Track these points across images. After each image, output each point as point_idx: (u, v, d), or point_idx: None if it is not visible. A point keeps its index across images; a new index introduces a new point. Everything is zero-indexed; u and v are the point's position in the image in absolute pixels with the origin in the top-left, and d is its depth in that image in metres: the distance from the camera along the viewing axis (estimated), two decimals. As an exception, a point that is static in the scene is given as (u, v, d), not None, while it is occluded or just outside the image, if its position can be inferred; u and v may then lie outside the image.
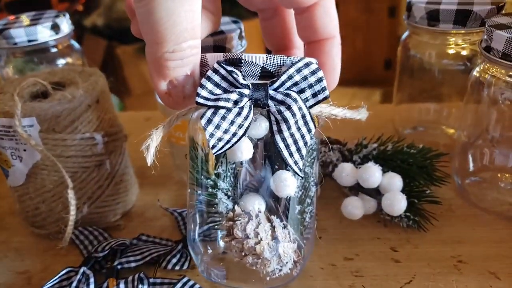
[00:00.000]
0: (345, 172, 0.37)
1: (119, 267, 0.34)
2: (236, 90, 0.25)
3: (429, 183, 0.38)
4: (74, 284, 0.32)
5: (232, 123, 0.25)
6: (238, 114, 0.25)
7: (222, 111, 0.25)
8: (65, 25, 0.47)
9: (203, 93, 0.25)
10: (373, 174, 0.35)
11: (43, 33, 0.45)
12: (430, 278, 0.32)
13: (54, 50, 0.47)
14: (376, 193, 0.37)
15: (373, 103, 1.60)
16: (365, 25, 1.76)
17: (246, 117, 0.25)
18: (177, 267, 0.34)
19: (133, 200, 0.43)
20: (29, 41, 0.44)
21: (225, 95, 0.25)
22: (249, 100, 0.25)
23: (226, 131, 0.25)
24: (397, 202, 0.34)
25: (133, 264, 0.34)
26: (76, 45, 0.50)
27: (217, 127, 0.25)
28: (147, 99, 1.52)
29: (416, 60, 0.45)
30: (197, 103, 0.25)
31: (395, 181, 0.36)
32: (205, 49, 0.36)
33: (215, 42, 0.36)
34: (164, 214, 0.41)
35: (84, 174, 0.37)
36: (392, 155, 0.38)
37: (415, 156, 0.37)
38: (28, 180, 0.36)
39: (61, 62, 0.49)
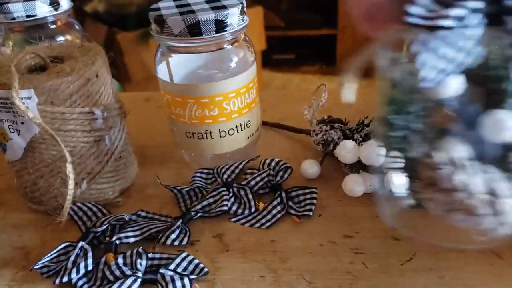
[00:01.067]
0: (347, 150, 0.36)
1: (117, 242, 0.34)
2: (462, 3, 0.19)
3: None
4: (72, 258, 0.32)
5: (455, 48, 0.20)
6: (463, 36, 0.19)
7: (442, 33, 0.19)
8: (64, 1, 0.46)
9: (416, 10, 0.20)
10: (374, 151, 0.35)
11: (42, 8, 0.44)
12: (431, 256, 0.32)
13: (53, 26, 0.46)
14: (378, 170, 0.36)
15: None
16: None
17: (473, 40, 0.20)
18: (176, 243, 0.34)
19: (133, 177, 0.42)
20: (28, 16, 0.44)
21: (447, 11, 0.19)
22: (480, 16, 0.20)
23: (445, 59, 0.20)
24: (398, 179, 0.34)
25: (131, 240, 0.34)
26: (75, 23, 0.50)
27: (434, 53, 0.20)
28: (147, 85, 1.51)
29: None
30: (408, 24, 0.20)
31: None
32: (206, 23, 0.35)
33: (217, 17, 0.35)
34: (164, 192, 0.40)
35: (83, 149, 0.37)
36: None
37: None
38: (26, 154, 0.36)
39: (60, 39, 0.48)
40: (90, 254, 0.32)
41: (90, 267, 0.32)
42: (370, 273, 0.31)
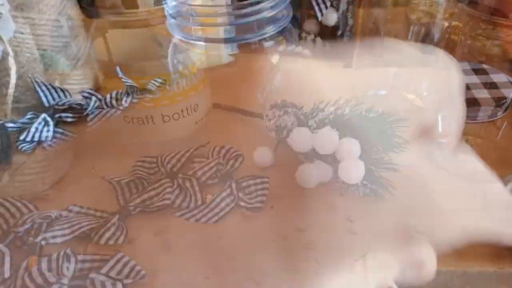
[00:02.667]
0: (300, 137, 0.34)
1: (43, 243, 0.30)
2: None
3: (388, 149, 0.35)
4: (-14, 264, 0.28)
5: None
6: None
7: None
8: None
9: None
10: (329, 139, 0.32)
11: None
12: (387, 251, 0.30)
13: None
14: (333, 160, 0.34)
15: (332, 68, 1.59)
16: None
17: None
18: (111, 242, 0.31)
19: (66, 166, 0.38)
20: None
21: None
22: None
23: None
24: (354, 169, 0.32)
25: (59, 240, 0.30)
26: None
27: None
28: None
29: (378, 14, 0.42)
30: None
31: (353, 147, 0.33)
32: None
33: None
34: (101, 183, 0.36)
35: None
36: (350, 120, 0.35)
37: (374, 121, 0.35)
38: None
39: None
40: (7, 259, 0.28)
41: (7, 274, 0.28)
42: (322, 270, 0.29)
